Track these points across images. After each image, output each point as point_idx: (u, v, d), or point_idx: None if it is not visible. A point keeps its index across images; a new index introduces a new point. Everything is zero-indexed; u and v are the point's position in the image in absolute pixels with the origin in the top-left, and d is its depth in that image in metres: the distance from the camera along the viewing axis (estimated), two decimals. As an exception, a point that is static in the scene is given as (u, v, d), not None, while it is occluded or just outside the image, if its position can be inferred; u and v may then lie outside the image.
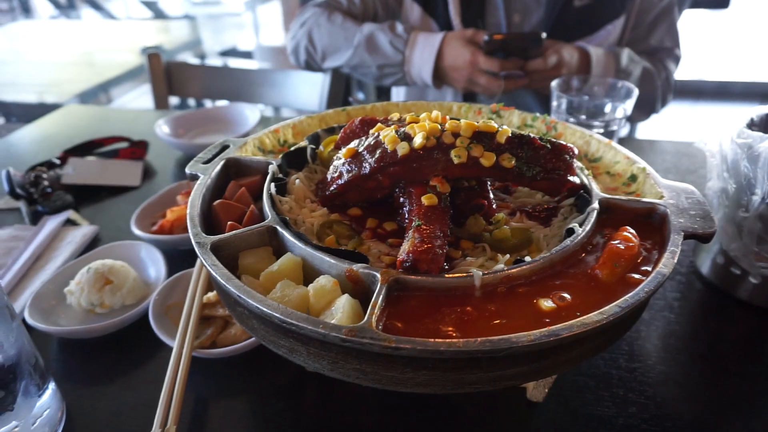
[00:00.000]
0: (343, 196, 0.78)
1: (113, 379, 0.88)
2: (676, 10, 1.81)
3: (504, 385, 0.59)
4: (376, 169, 0.73)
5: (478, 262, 0.66)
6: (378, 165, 0.72)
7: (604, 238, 0.70)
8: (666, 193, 0.76)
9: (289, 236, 0.68)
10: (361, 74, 1.83)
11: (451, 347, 0.51)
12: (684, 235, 0.68)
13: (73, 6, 7.13)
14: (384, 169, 0.73)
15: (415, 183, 0.73)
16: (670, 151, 1.54)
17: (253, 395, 0.84)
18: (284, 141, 0.98)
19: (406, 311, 0.59)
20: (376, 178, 0.74)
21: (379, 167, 0.72)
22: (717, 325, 0.96)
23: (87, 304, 0.96)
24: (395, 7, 1.86)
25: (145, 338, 0.90)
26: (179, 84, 2.27)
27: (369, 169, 0.73)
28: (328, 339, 0.54)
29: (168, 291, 0.96)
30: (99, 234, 1.26)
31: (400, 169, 0.72)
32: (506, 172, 0.72)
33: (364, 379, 0.57)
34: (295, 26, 1.89)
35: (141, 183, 1.49)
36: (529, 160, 0.73)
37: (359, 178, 0.75)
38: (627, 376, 0.83)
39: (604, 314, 0.55)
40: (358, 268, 0.62)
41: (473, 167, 0.71)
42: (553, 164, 0.74)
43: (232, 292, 0.60)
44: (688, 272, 1.05)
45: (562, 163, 0.74)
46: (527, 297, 0.61)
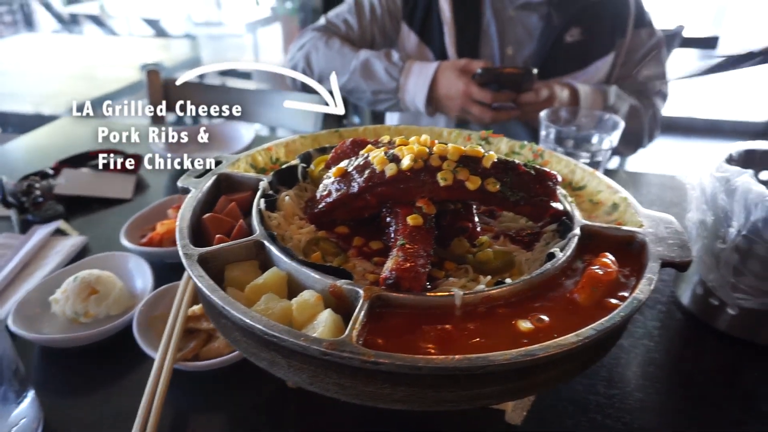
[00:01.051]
0: (332, 214, 0.79)
1: (94, 389, 0.87)
2: (664, 49, 1.87)
3: (482, 404, 0.59)
4: (364, 189, 0.74)
5: (460, 283, 0.68)
6: (366, 185, 0.74)
7: (584, 263, 0.72)
8: (645, 222, 0.78)
9: (275, 251, 0.69)
10: (356, 99, 1.87)
11: (430, 363, 0.52)
12: (661, 263, 0.69)
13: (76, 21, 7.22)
14: (372, 189, 0.74)
15: (401, 203, 0.75)
16: (656, 184, 1.57)
17: (233, 410, 0.84)
18: (276, 159, 1.00)
19: (387, 328, 0.60)
20: (363, 197, 0.76)
21: (367, 187, 0.74)
22: (696, 354, 0.97)
23: (71, 313, 0.96)
24: (392, 35, 1.91)
25: (129, 349, 0.89)
26: (176, 101, 2.29)
27: (357, 188, 0.75)
28: (309, 352, 0.54)
29: (154, 303, 0.96)
30: (88, 245, 1.26)
31: (387, 189, 0.74)
32: (491, 196, 0.74)
33: (343, 393, 0.58)
34: (294, 49, 1.93)
35: (133, 196, 1.50)
36: (513, 186, 0.75)
37: (347, 197, 0.76)
38: (605, 402, 0.84)
39: (580, 336, 0.56)
40: (341, 284, 0.63)
41: (458, 190, 0.73)
42: (537, 190, 0.76)
43: (217, 303, 0.61)
44: (668, 302, 1.07)
45: (546, 189, 0.76)
46: (506, 318, 0.62)
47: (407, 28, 1.86)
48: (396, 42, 1.91)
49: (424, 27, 1.83)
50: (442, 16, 1.77)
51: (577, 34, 1.77)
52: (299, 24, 4.92)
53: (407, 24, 1.86)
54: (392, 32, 1.91)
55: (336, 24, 1.91)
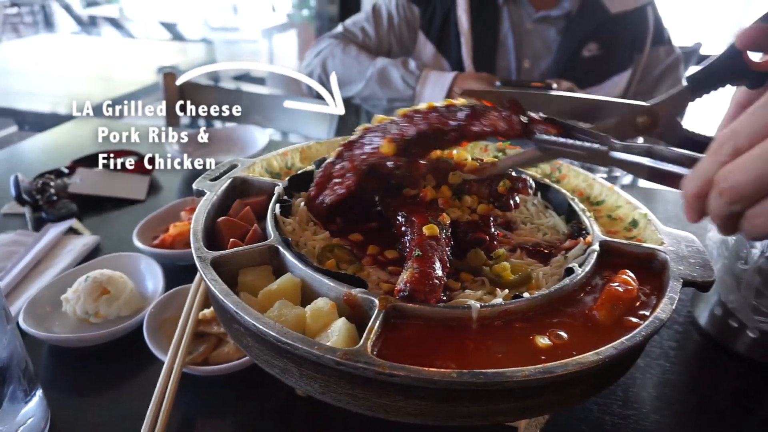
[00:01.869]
0: (324, 198, 0.78)
1: (101, 390, 0.87)
2: (682, 66, 1.86)
3: (495, 420, 0.58)
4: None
5: (476, 295, 0.67)
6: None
7: (603, 280, 0.70)
8: (666, 240, 0.76)
9: (290, 257, 0.69)
10: (371, 106, 1.87)
11: (445, 377, 0.51)
12: (683, 283, 0.68)
13: (95, 24, 7.32)
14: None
15: (417, 212, 0.74)
16: (672, 201, 1.55)
17: (241, 416, 0.83)
18: (291, 164, 0.99)
19: (401, 339, 0.59)
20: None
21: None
22: (713, 377, 0.95)
23: (82, 312, 0.95)
24: (409, 44, 1.91)
25: (138, 351, 0.89)
26: (192, 103, 2.31)
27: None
28: (322, 361, 0.53)
29: (164, 305, 0.96)
30: (100, 245, 1.26)
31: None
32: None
33: (355, 405, 0.57)
34: (310, 55, 1.94)
35: (146, 197, 1.50)
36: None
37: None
38: (620, 423, 0.82)
39: (600, 355, 0.55)
40: (356, 293, 0.62)
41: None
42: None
43: (230, 307, 0.60)
44: (685, 322, 1.05)
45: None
46: (524, 333, 0.60)
47: (424, 38, 1.86)
48: (413, 52, 1.91)
49: (441, 37, 1.83)
50: (459, 27, 1.78)
51: (595, 49, 1.76)
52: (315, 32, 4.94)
53: (424, 34, 1.86)
54: (409, 42, 1.91)
55: (353, 32, 1.92)
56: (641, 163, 0.52)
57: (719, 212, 0.42)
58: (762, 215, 0.40)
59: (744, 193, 0.40)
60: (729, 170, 0.41)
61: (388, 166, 0.75)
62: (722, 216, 0.42)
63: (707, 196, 0.43)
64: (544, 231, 0.85)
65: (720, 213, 0.42)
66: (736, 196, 0.40)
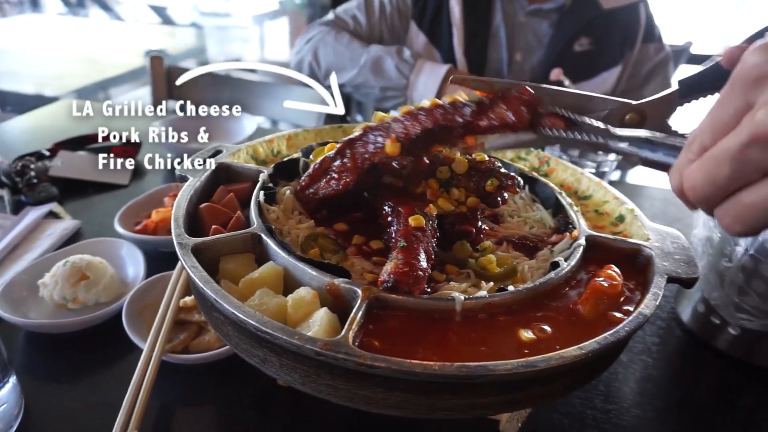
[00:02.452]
0: (316, 188, 0.77)
1: (78, 377, 0.85)
2: (671, 65, 1.86)
3: (477, 413, 0.57)
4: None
5: (461, 287, 0.66)
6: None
7: (588, 274, 0.70)
8: (652, 236, 0.76)
9: (272, 245, 0.68)
10: (362, 95, 1.85)
11: (427, 370, 0.50)
12: (667, 279, 0.68)
13: (82, 5, 7.18)
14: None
15: (404, 203, 0.73)
16: (659, 198, 1.55)
17: (220, 405, 0.82)
18: (278, 151, 0.98)
19: (384, 330, 0.58)
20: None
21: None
22: (694, 373, 0.95)
23: (60, 298, 0.93)
24: (401, 33, 1.89)
25: (116, 338, 0.87)
26: (179, 88, 2.27)
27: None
28: (303, 351, 0.52)
29: (145, 291, 0.94)
30: (81, 229, 1.24)
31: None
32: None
33: (335, 396, 0.56)
34: (301, 42, 1.92)
35: (130, 182, 1.48)
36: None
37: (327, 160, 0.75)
38: (602, 417, 0.82)
39: (583, 349, 0.54)
40: (339, 283, 0.61)
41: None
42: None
43: (209, 295, 0.59)
44: (668, 318, 1.06)
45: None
46: (508, 326, 0.60)
47: (416, 28, 1.84)
48: (404, 41, 1.89)
49: (433, 28, 1.82)
50: (452, 18, 1.76)
51: (587, 43, 1.76)
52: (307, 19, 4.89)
53: (416, 24, 1.84)
54: (401, 31, 1.89)
55: (344, 20, 1.90)
56: (637, 153, 0.53)
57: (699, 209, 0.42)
58: (725, 216, 0.39)
59: (703, 195, 0.39)
60: (690, 170, 0.40)
61: (391, 165, 0.74)
62: (704, 212, 0.42)
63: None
64: (530, 224, 0.84)
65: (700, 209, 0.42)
66: (697, 198, 0.40)
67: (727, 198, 0.38)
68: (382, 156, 0.72)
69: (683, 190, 0.41)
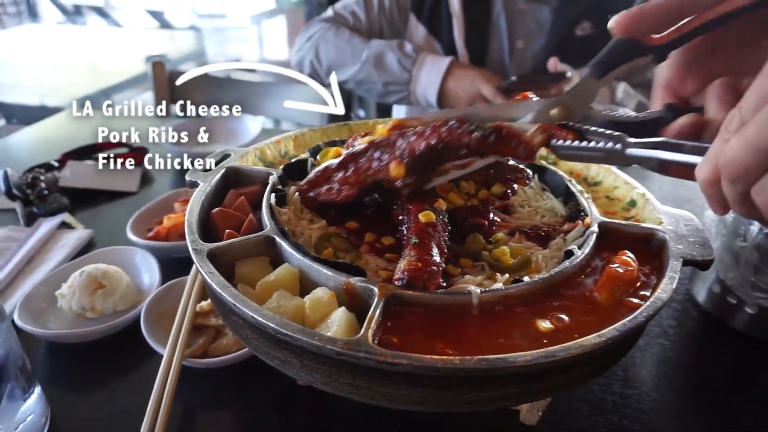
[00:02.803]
0: (318, 192, 0.77)
1: (100, 385, 0.86)
2: None
3: (499, 405, 0.58)
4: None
5: (476, 281, 0.66)
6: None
7: (603, 261, 0.70)
8: (665, 219, 0.76)
9: (287, 247, 0.68)
10: (365, 90, 1.84)
11: (448, 365, 0.50)
12: (683, 262, 0.68)
13: (80, 13, 7.19)
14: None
15: (413, 199, 0.73)
16: (668, 180, 1.54)
17: (242, 407, 0.83)
18: (285, 152, 0.98)
19: (402, 327, 0.58)
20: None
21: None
22: (712, 354, 0.95)
23: (78, 308, 0.94)
24: (401, 27, 1.88)
25: (135, 345, 0.88)
26: (181, 93, 2.28)
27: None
28: (323, 351, 0.53)
29: (161, 298, 0.95)
30: (94, 238, 1.25)
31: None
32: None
33: (357, 394, 0.56)
34: (301, 40, 1.91)
35: (138, 189, 1.49)
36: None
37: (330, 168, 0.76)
38: (621, 402, 0.83)
39: (602, 337, 0.55)
40: (355, 282, 0.61)
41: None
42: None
43: (228, 300, 0.59)
44: (684, 300, 1.05)
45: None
46: (525, 317, 0.60)
47: (416, 21, 1.83)
48: (404, 34, 1.88)
49: (433, 19, 1.81)
50: (451, 8, 1.75)
51: (588, 27, 1.74)
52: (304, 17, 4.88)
53: (416, 16, 1.83)
54: (400, 24, 1.88)
55: (343, 15, 1.89)
56: (656, 156, 0.51)
57: (729, 196, 0.38)
58: (764, 192, 0.35)
59: (743, 165, 0.35)
60: (728, 144, 0.37)
61: (394, 184, 0.74)
62: (734, 201, 0.38)
63: (719, 182, 0.39)
64: (542, 213, 0.84)
65: (730, 197, 0.38)
66: (735, 172, 0.36)
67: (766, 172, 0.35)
68: (386, 174, 0.71)
69: (719, 173, 0.38)
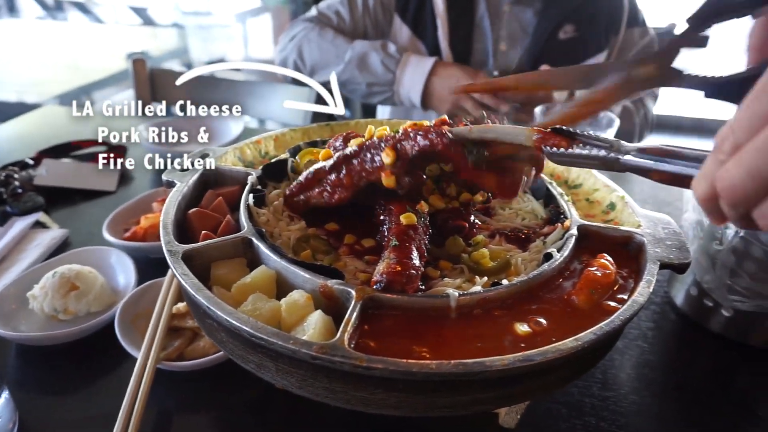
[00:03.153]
0: (308, 196, 0.76)
1: (73, 389, 0.84)
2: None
3: (477, 409, 0.57)
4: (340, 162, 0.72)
5: (455, 283, 0.66)
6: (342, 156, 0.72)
7: (582, 264, 0.70)
8: (643, 223, 0.76)
9: (264, 248, 0.67)
10: (349, 91, 1.83)
11: (424, 369, 0.50)
12: (660, 265, 0.68)
13: (61, 8, 7.06)
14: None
15: (395, 201, 0.72)
16: (648, 183, 1.55)
17: (219, 410, 0.82)
18: (266, 153, 0.97)
19: (379, 330, 0.58)
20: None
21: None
22: (690, 356, 0.96)
23: (50, 309, 0.92)
24: (385, 27, 1.88)
25: (110, 348, 0.86)
26: (163, 90, 2.25)
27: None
28: (298, 355, 0.52)
29: (137, 299, 0.93)
30: (69, 238, 1.22)
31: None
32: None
33: (333, 398, 0.56)
34: (285, 40, 1.90)
35: (117, 188, 1.46)
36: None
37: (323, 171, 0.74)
38: (600, 404, 0.83)
39: (579, 341, 0.54)
40: (333, 284, 0.61)
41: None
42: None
43: (202, 303, 0.58)
44: (662, 302, 1.06)
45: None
46: (503, 320, 0.60)
47: (400, 21, 1.83)
48: (388, 35, 1.88)
49: (417, 20, 1.80)
50: (435, 9, 1.75)
51: (571, 30, 1.75)
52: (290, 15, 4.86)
53: (400, 17, 1.83)
54: (385, 25, 1.87)
55: (327, 15, 1.88)
56: (651, 167, 0.50)
57: (729, 215, 0.38)
58: (764, 216, 0.35)
59: (744, 193, 0.35)
60: (726, 168, 0.36)
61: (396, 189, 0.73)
62: (734, 219, 0.38)
63: (717, 198, 0.38)
64: (522, 216, 0.84)
65: (730, 216, 0.38)
66: (737, 197, 0.36)
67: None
68: (379, 176, 0.70)
69: (717, 192, 0.37)
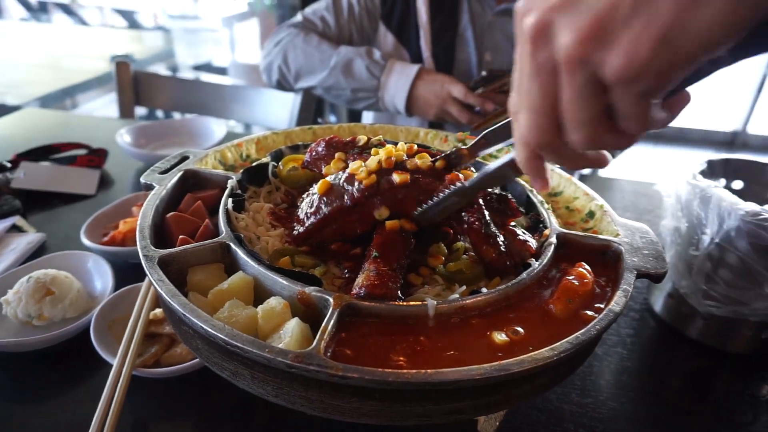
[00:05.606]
0: (321, 233, 0.74)
1: (47, 396, 0.83)
2: None
3: (453, 418, 0.57)
4: (359, 200, 0.70)
5: (434, 291, 0.66)
6: (362, 195, 0.69)
7: (560, 272, 0.70)
8: (621, 232, 0.77)
9: (242, 254, 0.66)
10: (333, 96, 1.83)
11: (400, 378, 0.50)
12: (637, 274, 0.68)
13: (45, 10, 6.98)
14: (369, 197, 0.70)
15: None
16: (629, 191, 1.58)
17: (196, 418, 0.81)
18: (247, 156, 0.96)
19: (357, 338, 0.57)
20: (359, 209, 0.70)
21: (363, 197, 0.69)
22: (668, 362, 0.97)
23: (24, 315, 0.90)
24: (370, 34, 1.88)
25: (86, 354, 0.85)
26: (147, 94, 2.23)
27: (351, 200, 0.70)
28: (274, 364, 0.51)
29: (113, 305, 0.92)
30: (47, 243, 1.20)
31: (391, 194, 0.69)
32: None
33: (309, 407, 0.55)
34: (270, 45, 1.89)
35: (96, 192, 1.44)
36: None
37: (340, 211, 0.71)
38: (579, 411, 0.83)
39: (555, 350, 0.55)
40: (310, 291, 0.60)
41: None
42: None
43: (177, 309, 0.57)
44: (641, 309, 1.07)
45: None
46: (481, 329, 0.60)
47: (384, 29, 1.83)
48: (373, 41, 1.88)
49: (402, 28, 1.81)
50: (418, 19, 1.75)
51: (556, 40, 1.77)
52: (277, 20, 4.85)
53: (385, 24, 1.83)
54: (370, 31, 1.88)
55: (313, 21, 1.88)
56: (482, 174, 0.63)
57: (547, 158, 0.52)
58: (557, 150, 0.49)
59: (538, 132, 0.47)
60: (519, 124, 0.49)
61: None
62: (550, 159, 0.51)
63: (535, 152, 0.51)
64: (503, 223, 0.84)
65: (548, 158, 0.52)
66: (541, 139, 0.48)
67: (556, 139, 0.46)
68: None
69: (527, 142, 0.49)
